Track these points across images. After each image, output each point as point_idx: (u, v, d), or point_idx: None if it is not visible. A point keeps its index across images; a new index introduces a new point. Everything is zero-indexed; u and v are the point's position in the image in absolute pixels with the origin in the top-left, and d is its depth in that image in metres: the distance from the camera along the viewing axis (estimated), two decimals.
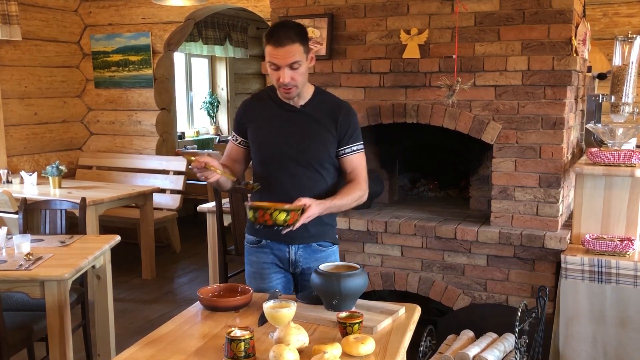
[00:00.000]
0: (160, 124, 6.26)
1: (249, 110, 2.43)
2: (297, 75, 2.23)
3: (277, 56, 2.20)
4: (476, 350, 2.88)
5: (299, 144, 2.31)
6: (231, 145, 2.49)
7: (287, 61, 2.20)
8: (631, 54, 3.45)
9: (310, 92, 2.38)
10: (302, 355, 1.70)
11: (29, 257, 2.99)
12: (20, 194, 4.58)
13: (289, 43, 2.18)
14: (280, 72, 2.21)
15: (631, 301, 2.90)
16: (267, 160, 2.37)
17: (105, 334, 3.54)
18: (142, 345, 1.84)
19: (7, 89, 5.58)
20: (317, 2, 3.70)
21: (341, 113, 2.35)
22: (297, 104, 2.35)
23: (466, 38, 3.37)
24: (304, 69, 2.26)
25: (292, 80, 2.23)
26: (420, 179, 4.42)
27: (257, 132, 2.38)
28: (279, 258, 2.42)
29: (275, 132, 2.35)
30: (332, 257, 2.45)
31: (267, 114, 2.38)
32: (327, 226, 2.43)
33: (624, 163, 3.06)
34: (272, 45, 2.20)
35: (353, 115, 2.39)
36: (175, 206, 5.98)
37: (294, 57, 2.20)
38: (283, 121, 2.35)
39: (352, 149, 2.36)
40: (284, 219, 1.88)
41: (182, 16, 5.86)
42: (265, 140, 2.37)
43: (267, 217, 1.90)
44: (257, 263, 2.45)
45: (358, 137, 2.38)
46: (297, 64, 2.21)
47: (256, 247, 2.45)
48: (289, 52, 2.19)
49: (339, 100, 2.43)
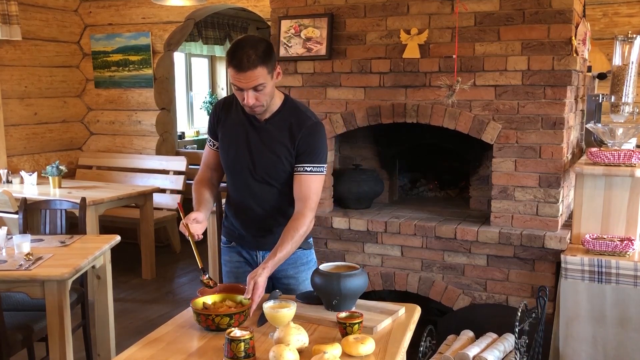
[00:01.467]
0: (160, 124, 6.25)
1: (220, 114, 2.39)
2: (261, 96, 2.15)
3: (240, 79, 2.11)
4: (476, 351, 2.88)
5: (257, 158, 2.28)
6: (208, 151, 2.45)
7: (249, 85, 2.11)
8: (631, 54, 3.45)
9: (277, 104, 2.28)
10: (302, 355, 1.70)
11: (29, 257, 2.99)
12: (20, 194, 4.58)
13: (250, 68, 2.08)
14: (245, 93, 2.14)
15: (631, 301, 2.90)
16: (230, 171, 2.37)
17: (105, 334, 3.54)
18: (142, 345, 1.84)
19: (7, 89, 5.58)
20: (317, 2, 3.70)
21: (302, 131, 2.23)
22: (262, 117, 2.28)
23: (466, 38, 3.37)
24: (269, 89, 2.17)
25: (256, 101, 2.16)
26: (420, 179, 4.42)
27: (223, 139, 2.36)
28: (248, 261, 2.44)
29: (236, 143, 2.32)
30: (302, 260, 2.41)
31: (233, 123, 2.34)
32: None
33: (624, 163, 3.06)
34: (233, 69, 2.12)
35: (316, 136, 2.26)
36: (175, 206, 5.97)
37: (257, 81, 2.11)
38: (245, 133, 2.30)
39: (305, 169, 2.23)
40: (227, 322, 1.89)
41: (182, 16, 5.86)
42: (230, 149, 2.34)
43: (209, 322, 1.90)
44: (231, 262, 2.47)
45: (317, 158, 2.25)
46: (261, 86, 2.13)
47: (228, 247, 2.48)
48: (250, 77, 2.10)
49: (305, 116, 2.28)
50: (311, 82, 3.71)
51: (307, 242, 2.44)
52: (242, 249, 2.44)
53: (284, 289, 2.35)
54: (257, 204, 2.33)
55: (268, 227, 2.36)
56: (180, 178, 6.04)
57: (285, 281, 2.39)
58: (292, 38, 3.71)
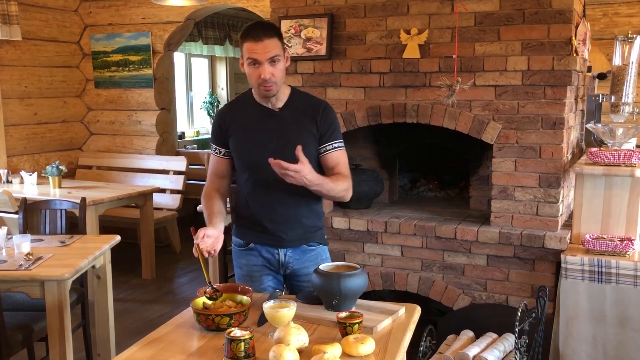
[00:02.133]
0: (160, 124, 6.26)
1: (227, 118, 2.39)
2: (276, 71, 2.21)
3: (256, 51, 2.17)
4: (476, 350, 2.88)
5: (281, 146, 2.27)
6: (215, 160, 2.44)
7: (267, 55, 2.18)
8: (631, 54, 3.45)
9: (287, 93, 2.36)
10: (302, 355, 1.70)
11: (29, 257, 2.99)
12: (20, 194, 4.58)
13: (267, 37, 2.18)
14: (261, 68, 2.19)
15: (631, 301, 2.90)
16: (251, 166, 2.35)
17: (105, 334, 3.54)
18: (142, 345, 1.84)
19: (7, 89, 5.58)
20: (317, 2, 3.70)
21: (320, 111, 2.33)
22: (275, 106, 2.32)
23: (466, 38, 3.37)
24: (282, 66, 2.24)
25: (272, 76, 2.21)
26: (420, 179, 4.42)
27: (239, 138, 2.36)
28: (268, 260, 2.41)
29: (256, 137, 2.32)
30: (321, 256, 2.45)
31: (247, 120, 2.35)
32: (314, 228, 2.42)
33: (624, 163, 3.06)
34: (251, 41, 2.18)
35: (332, 113, 2.37)
36: (175, 206, 5.98)
37: (274, 52, 2.19)
38: (263, 125, 2.32)
39: (333, 145, 2.34)
40: (227, 322, 1.89)
41: (182, 16, 5.86)
42: (247, 146, 2.34)
43: (209, 322, 1.91)
44: (247, 266, 2.44)
45: (338, 134, 2.37)
46: (277, 57, 2.20)
47: (245, 250, 2.44)
48: (268, 46, 2.17)
49: (317, 99, 2.42)
50: (311, 82, 3.71)
51: (325, 239, 2.49)
52: (263, 247, 2.41)
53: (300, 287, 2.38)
54: (283, 195, 2.30)
55: (295, 219, 2.36)
56: (180, 178, 6.04)
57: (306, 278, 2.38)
58: (292, 38, 3.71)
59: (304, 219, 2.37)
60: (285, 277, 2.46)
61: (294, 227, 2.37)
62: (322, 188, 2.21)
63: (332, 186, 2.24)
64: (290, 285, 2.46)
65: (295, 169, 2.07)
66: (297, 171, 2.08)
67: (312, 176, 2.13)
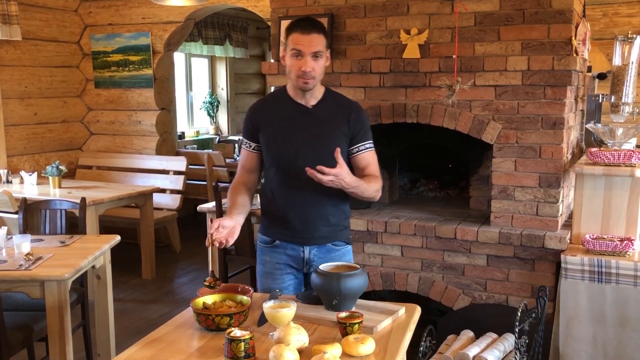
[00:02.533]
0: (160, 124, 6.26)
1: (259, 113, 2.42)
2: (317, 66, 2.26)
3: (302, 43, 2.22)
4: (476, 350, 2.88)
5: (313, 143, 2.30)
6: (245, 154, 2.46)
7: (312, 49, 2.23)
8: (631, 54, 3.45)
9: (321, 92, 2.39)
10: (302, 355, 1.70)
11: (29, 257, 2.99)
12: (20, 194, 4.58)
13: (315, 32, 2.24)
14: (303, 60, 2.23)
15: (631, 301, 2.90)
16: (281, 161, 2.36)
17: (105, 334, 3.54)
18: (142, 345, 1.84)
19: (7, 89, 5.58)
20: (317, 2, 3.70)
21: (353, 112, 2.37)
22: (308, 103, 2.35)
23: (466, 38, 3.37)
24: (323, 63, 2.29)
25: (312, 70, 2.24)
26: (420, 179, 4.42)
27: (270, 133, 2.37)
28: (293, 258, 2.42)
29: (288, 132, 2.35)
30: (346, 257, 2.46)
31: (279, 115, 2.38)
32: (340, 227, 2.45)
33: (624, 163, 3.05)
34: (298, 33, 2.23)
35: (364, 114, 2.42)
36: (175, 206, 5.98)
37: (318, 47, 2.24)
38: (295, 121, 2.35)
39: (365, 146, 2.38)
40: (227, 322, 1.89)
41: (182, 16, 5.86)
42: (278, 141, 2.36)
43: (209, 322, 1.91)
44: (270, 263, 2.45)
45: (369, 135, 2.41)
46: (319, 54, 2.25)
47: (270, 247, 2.45)
48: (314, 40, 2.23)
49: (349, 100, 2.46)
50: None
51: (350, 239, 2.52)
52: (289, 245, 2.42)
53: None
54: (311, 191, 2.31)
55: (321, 217, 2.37)
56: (180, 178, 6.04)
57: None
58: None
59: (331, 217, 2.39)
60: (306, 276, 2.46)
61: (320, 225, 2.38)
62: (357, 190, 2.24)
63: (366, 187, 2.28)
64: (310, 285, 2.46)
65: (335, 173, 2.09)
66: (337, 175, 2.10)
67: (350, 179, 2.16)
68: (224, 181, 6.55)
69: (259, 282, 2.50)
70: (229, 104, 9.44)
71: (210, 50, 8.42)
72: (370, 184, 2.31)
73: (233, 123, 9.57)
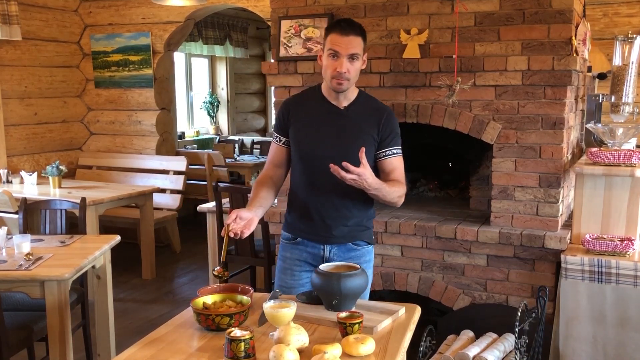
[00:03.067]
0: (160, 123, 6.26)
1: (292, 108, 2.44)
2: (352, 68, 2.27)
3: (340, 44, 2.23)
4: (476, 350, 2.88)
5: (340, 144, 2.31)
6: (274, 148, 2.47)
7: (349, 51, 2.24)
8: (631, 54, 3.45)
9: (354, 94, 2.40)
10: (302, 355, 1.70)
11: (29, 257, 3.00)
12: (20, 194, 4.58)
13: (354, 34, 2.25)
14: (339, 61, 2.25)
15: (631, 301, 2.90)
16: (307, 159, 2.37)
17: (105, 334, 3.54)
18: (142, 345, 1.84)
19: (7, 89, 5.58)
20: (317, 2, 3.70)
21: (384, 116, 2.37)
22: (340, 104, 2.37)
23: (466, 38, 3.37)
24: (358, 65, 2.30)
25: (347, 72, 2.26)
26: (420, 179, 4.42)
27: (299, 130, 2.39)
28: (313, 255, 2.43)
29: (317, 131, 2.36)
30: (366, 257, 2.47)
31: (310, 113, 2.40)
32: (361, 227, 2.45)
33: (624, 163, 3.06)
34: (337, 33, 2.25)
35: (395, 119, 2.42)
36: (175, 206, 5.98)
37: (355, 49, 2.25)
38: (325, 120, 2.36)
39: (392, 151, 2.37)
40: (227, 322, 1.90)
41: (182, 16, 5.87)
42: (307, 139, 2.37)
43: (209, 322, 1.91)
44: (290, 259, 2.47)
45: (398, 141, 2.40)
46: (356, 56, 2.26)
47: (291, 243, 2.47)
48: (352, 42, 2.24)
49: (381, 104, 2.46)
50: (311, 82, 3.70)
51: (372, 239, 2.51)
52: (310, 242, 2.43)
53: None
54: (335, 190, 2.32)
55: (343, 216, 2.38)
56: (180, 178, 6.04)
57: None
58: (292, 38, 3.71)
59: (353, 217, 2.39)
60: None
61: (342, 224, 2.39)
62: (379, 192, 2.23)
63: (388, 191, 2.26)
64: None
65: (358, 172, 2.09)
66: (360, 174, 2.09)
67: (372, 180, 2.15)
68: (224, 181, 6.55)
69: (277, 278, 2.53)
70: (229, 104, 9.44)
71: (210, 50, 8.42)
72: (393, 188, 2.29)
73: (233, 123, 9.57)
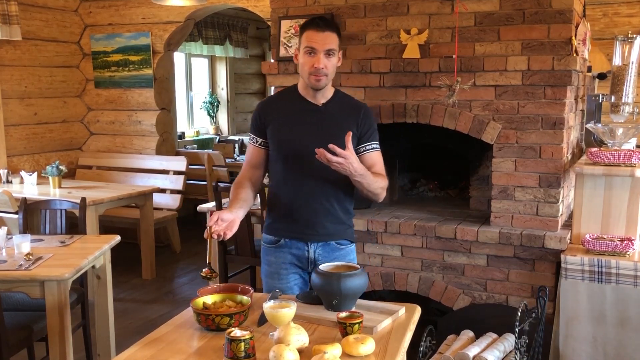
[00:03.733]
0: (160, 123, 6.26)
1: (268, 108, 2.45)
2: (329, 64, 2.30)
3: (316, 40, 2.27)
4: (476, 350, 2.88)
5: (321, 141, 2.29)
6: (251, 149, 2.48)
7: (325, 46, 2.27)
8: (631, 54, 3.45)
9: (331, 92, 2.43)
10: (302, 355, 1.70)
11: (29, 257, 2.99)
12: (20, 194, 4.58)
13: (329, 30, 2.29)
14: (316, 57, 2.27)
15: (631, 301, 2.90)
16: (288, 157, 2.38)
17: (105, 334, 3.54)
18: (142, 345, 1.84)
19: (7, 89, 5.58)
20: (317, 2, 3.70)
21: (362, 113, 2.41)
22: (318, 102, 2.38)
23: (466, 38, 3.37)
24: (335, 62, 2.33)
25: (325, 67, 2.28)
26: (420, 179, 4.42)
27: (278, 129, 2.39)
28: (298, 257, 2.43)
29: (296, 129, 2.37)
30: (350, 255, 2.48)
31: (288, 111, 2.40)
32: (344, 226, 2.46)
33: (624, 163, 3.06)
34: (313, 30, 2.28)
35: (372, 116, 2.47)
36: (175, 206, 5.98)
37: (332, 45, 2.29)
38: (304, 118, 2.37)
39: (372, 146, 2.42)
40: (227, 322, 1.90)
41: (182, 16, 5.86)
42: (287, 137, 2.38)
43: (209, 322, 1.91)
44: (275, 263, 2.45)
45: (376, 136, 2.46)
46: (332, 52, 2.29)
47: (274, 247, 2.46)
48: (328, 38, 2.28)
49: (358, 101, 2.52)
50: None
51: (354, 238, 2.53)
52: (293, 243, 2.43)
53: None
54: (317, 188, 2.34)
55: (326, 213, 2.39)
56: (180, 178, 6.04)
57: None
58: (292, 38, 3.71)
59: (336, 214, 2.41)
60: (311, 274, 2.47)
61: (325, 221, 2.39)
62: (364, 179, 2.24)
63: (373, 179, 2.29)
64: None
65: (344, 155, 2.11)
66: (346, 157, 2.12)
67: (357, 165, 2.18)
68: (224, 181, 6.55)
69: (264, 283, 2.51)
70: (229, 104, 9.44)
71: (210, 50, 8.42)
72: (377, 178, 2.32)
73: (233, 123, 9.57)
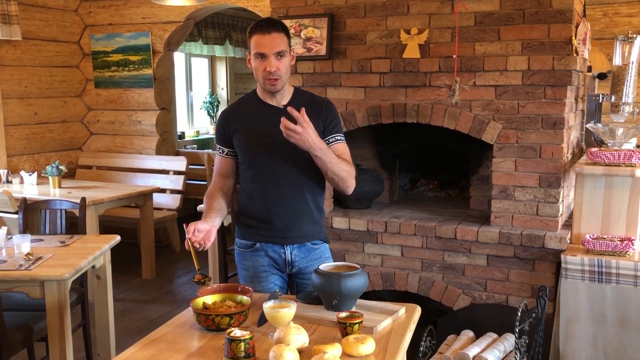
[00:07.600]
0: (160, 123, 6.25)
1: (231, 118, 2.43)
2: (282, 65, 2.27)
3: (263, 44, 2.24)
4: (476, 350, 2.88)
5: (288, 142, 2.26)
6: (219, 160, 2.47)
7: (273, 49, 2.24)
8: (631, 54, 3.45)
9: (291, 92, 2.42)
10: (302, 355, 1.70)
11: (29, 257, 2.99)
12: (20, 194, 4.58)
13: (275, 31, 2.25)
14: (267, 61, 2.25)
15: (631, 301, 2.90)
16: (256, 161, 2.37)
17: (105, 334, 3.54)
18: (142, 345, 1.84)
19: (7, 89, 5.58)
20: (317, 2, 3.70)
21: (323, 106, 2.39)
22: (279, 104, 2.36)
23: (466, 38, 3.37)
24: (287, 62, 2.30)
25: (277, 70, 2.26)
26: (420, 179, 4.42)
27: (244, 136, 2.38)
28: (275, 260, 2.42)
29: (262, 134, 2.35)
30: (325, 254, 2.48)
31: (252, 118, 2.39)
32: (317, 225, 2.46)
33: (624, 163, 3.06)
34: (258, 34, 2.25)
35: (334, 109, 2.44)
36: (175, 206, 5.98)
37: (280, 46, 2.25)
38: (269, 122, 2.33)
39: (336, 138, 2.38)
40: (227, 322, 1.90)
41: (182, 16, 5.86)
42: (254, 143, 2.37)
43: (209, 322, 1.91)
44: (253, 267, 2.44)
45: (340, 129, 2.42)
46: (282, 53, 2.26)
47: (250, 251, 2.45)
48: (275, 40, 2.24)
49: (319, 97, 2.50)
50: (311, 82, 3.71)
51: (327, 237, 2.52)
52: (268, 247, 2.41)
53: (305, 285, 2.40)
54: (289, 189, 2.35)
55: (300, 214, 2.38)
56: (180, 178, 6.04)
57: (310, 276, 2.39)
58: (292, 38, 3.70)
59: (310, 213, 2.41)
60: (290, 276, 2.48)
61: (300, 223, 2.39)
62: (325, 156, 2.21)
63: (335, 159, 2.25)
64: (295, 284, 2.47)
65: (303, 125, 2.10)
66: (304, 127, 2.10)
67: (316, 138, 2.16)
68: None
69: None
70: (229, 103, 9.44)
71: (210, 50, 8.42)
72: (340, 160, 2.28)
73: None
